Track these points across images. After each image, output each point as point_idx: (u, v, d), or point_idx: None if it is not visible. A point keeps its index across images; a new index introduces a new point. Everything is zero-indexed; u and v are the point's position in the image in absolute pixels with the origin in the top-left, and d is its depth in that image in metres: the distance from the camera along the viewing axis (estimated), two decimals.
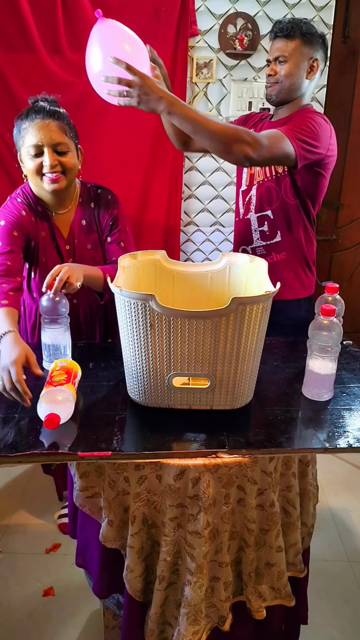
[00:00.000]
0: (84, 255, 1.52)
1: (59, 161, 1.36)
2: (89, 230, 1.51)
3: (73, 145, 1.40)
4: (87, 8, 2.17)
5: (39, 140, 1.33)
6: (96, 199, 1.51)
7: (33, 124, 1.34)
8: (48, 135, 1.33)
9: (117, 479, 1.15)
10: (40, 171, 1.37)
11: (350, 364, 1.44)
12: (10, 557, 1.83)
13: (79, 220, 1.50)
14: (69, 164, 1.38)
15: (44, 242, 1.49)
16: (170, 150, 2.42)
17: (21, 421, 1.16)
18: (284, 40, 1.60)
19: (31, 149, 1.34)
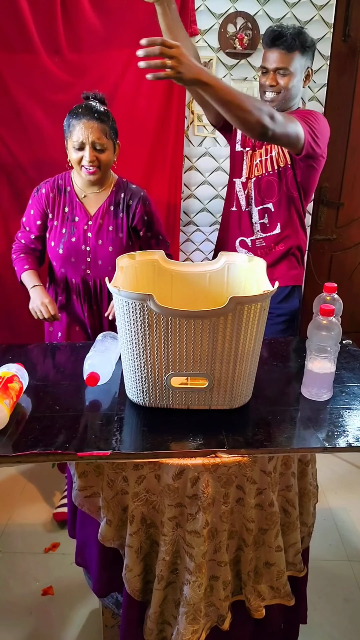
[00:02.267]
0: (102, 235, 1.70)
1: (97, 157, 1.60)
2: (115, 215, 1.71)
3: (111, 144, 1.63)
4: (87, 9, 2.17)
5: (83, 139, 1.57)
6: (128, 191, 1.73)
7: (80, 122, 1.56)
8: (91, 135, 1.57)
9: (116, 479, 1.15)
10: (81, 163, 1.61)
11: (349, 363, 1.44)
12: (9, 557, 1.83)
13: (109, 204, 1.71)
14: (105, 160, 1.62)
15: (65, 217, 1.71)
16: (170, 150, 2.42)
17: (20, 421, 1.16)
18: (283, 52, 1.63)
19: (76, 144, 1.58)
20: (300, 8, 2.30)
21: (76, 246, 1.69)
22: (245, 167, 1.81)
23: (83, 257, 1.70)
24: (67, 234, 1.70)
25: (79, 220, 1.70)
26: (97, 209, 1.71)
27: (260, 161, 1.78)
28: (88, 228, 1.70)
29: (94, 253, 1.70)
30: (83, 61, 2.24)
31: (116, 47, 2.24)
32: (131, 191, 1.73)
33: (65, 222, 1.70)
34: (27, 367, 1.40)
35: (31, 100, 2.25)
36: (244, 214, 1.84)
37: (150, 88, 2.31)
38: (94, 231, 1.70)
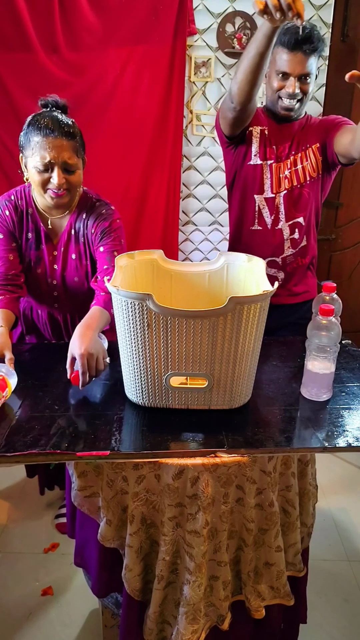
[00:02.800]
0: (67, 264, 1.52)
1: (66, 179, 1.36)
2: (77, 240, 1.50)
3: (81, 163, 1.40)
4: (85, 8, 2.17)
5: (51, 158, 1.32)
6: (90, 210, 1.49)
7: (47, 140, 1.31)
8: (60, 154, 1.32)
9: (116, 479, 1.15)
10: (46, 186, 1.37)
11: (349, 363, 1.44)
12: (8, 557, 1.83)
13: (69, 228, 1.50)
14: (75, 182, 1.39)
15: (29, 245, 1.49)
16: (169, 150, 2.41)
17: (20, 421, 1.16)
18: (308, 56, 1.51)
19: (39, 165, 1.33)
20: None
21: (42, 278, 1.52)
22: (268, 181, 1.68)
23: (50, 290, 1.54)
24: (33, 265, 1.50)
25: (43, 249, 1.49)
26: (60, 235, 1.50)
27: (290, 172, 1.67)
28: (53, 259, 1.50)
29: (62, 287, 1.54)
30: (81, 60, 2.24)
31: (115, 45, 2.24)
32: (93, 209, 1.48)
33: (28, 250, 1.49)
34: (25, 366, 1.40)
35: (29, 100, 2.23)
36: (273, 232, 1.71)
37: (148, 87, 2.31)
38: (59, 263, 1.50)
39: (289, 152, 1.68)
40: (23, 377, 1.35)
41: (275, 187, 1.68)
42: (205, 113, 2.45)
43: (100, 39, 2.22)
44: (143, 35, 2.24)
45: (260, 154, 1.68)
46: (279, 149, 1.67)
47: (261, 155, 1.67)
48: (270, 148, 1.67)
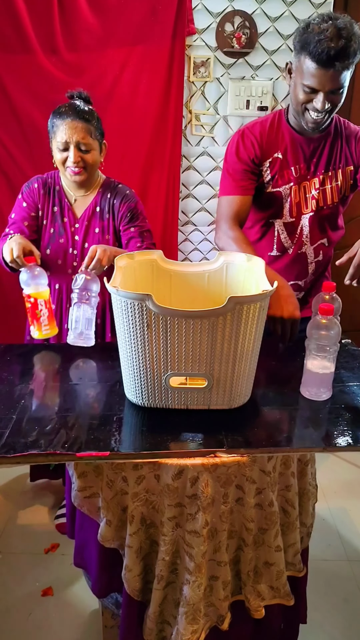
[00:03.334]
0: (89, 237, 1.66)
1: (82, 157, 1.54)
2: (101, 217, 1.66)
3: (97, 144, 1.58)
4: (84, 8, 2.17)
5: (67, 138, 1.52)
6: (114, 190, 1.67)
7: (64, 122, 1.51)
8: (74, 135, 1.51)
9: (116, 479, 1.15)
10: (65, 164, 1.56)
11: (349, 363, 1.43)
12: (9, 557, 1.83)
13: (95, 206, 1.66)
14: (90, 161, 1.57)
15: (54, 217, 1.66)
16: (168, 150, 2.41)
17: (20, 421, 1.16)
18: (341, 71, 1.29)
19: (60, 144, 1.53)
20: (298, 6, 2.30)
21: (64, 248, 1.65)
22: (288, 205, 1.53)
23: (70, 260, 1.66)
24: (55, 235, 1.65)
25: (67, 222, 1.66)
26: (83, 211, 1.66)
27: (318, 192, 1.52)
28: (75, 231, 1.65)
29: (81, 257, 1.64)
30: (80, 61, 2.24)
31: (113, 46, 2.24)
32: (116, 190, 1.66)
33: (54, 222, 1.66)
34: (26, 367, 1.40)
35: (29, 100, 2.24)
36: (297, 257, 1.59)
37: (148, 87, 2.31)
38: (81, 234, 1.65)
39: (316, 170, 1.51)
40: (23, 377, 1.35)
41: (295, 210, 1.54)
42: (205, 113, 2.45)
43: (99, 40, 2.22)
44: (142, 36, 2.24)
45: (273, 182, 1.52)
46: (303, 168, 1.51)
47: (275, 184, 1.53)
48: (288, 171, 1.51)
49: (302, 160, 1.51)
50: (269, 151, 1.50)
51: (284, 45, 2.35)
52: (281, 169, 1.51)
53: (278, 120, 1.51)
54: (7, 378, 1.34)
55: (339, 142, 1.51)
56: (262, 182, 1.53)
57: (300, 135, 1.49)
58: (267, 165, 1.51)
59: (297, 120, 1.45)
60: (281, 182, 1.52)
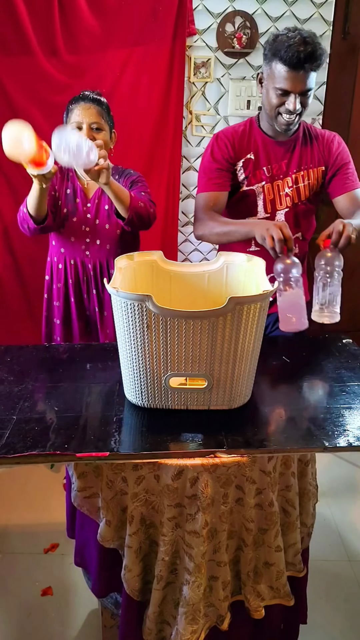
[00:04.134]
0: (100, 214, 1.75)
1: (94, 136, 1.62)
2: None
3: (107, 127, 1.69)
4: (84, 10, 2.17)
5: (80, 119, 1.63)
6: (120, 173, 1.79)
7: (78, 106, 1.65)
8: (88, 115, 1.63)
9: (115, 479, 1.15)
10: None
11: (350, 363, 1.43)
12: (8, 557, 1.83)
13: None
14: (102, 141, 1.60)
15: (68, 198, 1.76)
16: (168, 150, 2.41)
17: (19, 422, 1.16)
18: (312, 73, 1.44)
19: (74, 125, 1.64)
20: (299, 6, 2.30)
21: (76, 226, 1.75)
22: (262, 202, 1.64)
23: (82, 237, 1.75)
24: (69, 214, 1.75)
25: (79, 202, 1.76)
26: (94, 192, 1.76)
27: (292, 190, 1.64)
28: (87, 209, 1.75)
29: (92, 233, 1.75)
30: (81, 62, 2.24)
31: (114, 47, 2.24)
32: (124, 173, 1.79)
33: (67, 202, 1.76)
34: (27, 368, 1.40)
35: (29, 102, 2.24)
36: None
37: (148, 88, 2.31)
38: (92, 212, 1.75)
39: (288, 169, 1.63)
40: (23, 378, 1.35)
41: (269, 207, 1.65)
42: (205, 114, 2.45)
43: (100, 41, 2.22)
44: (142, 36, 2.24)
45: (247, 180, 1.64)
46: (274, 168, 1.62)
47: (248, 182, 1.64)
48: (260, 170, 1.62)
49: (273, 160, 1.62)
50: (242, 152, 1.62)
51: None
52: (253, 169, 1.63)
53: (250, 126, 1.65)
54: (7, 379, 1.34)
55: (308, 144, 1.65)
56: (236, 182, 1.64)
57: (272, 139, 1.62)
58: (241, 165, 1.63)
59: (269, 124, 1.58)
60: (254, 180, 1.63)
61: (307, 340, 1.59)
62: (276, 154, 1.62)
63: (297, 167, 1.63)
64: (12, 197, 2.36)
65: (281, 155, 1.62)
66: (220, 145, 1.62)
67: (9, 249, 2.41)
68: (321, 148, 1.65)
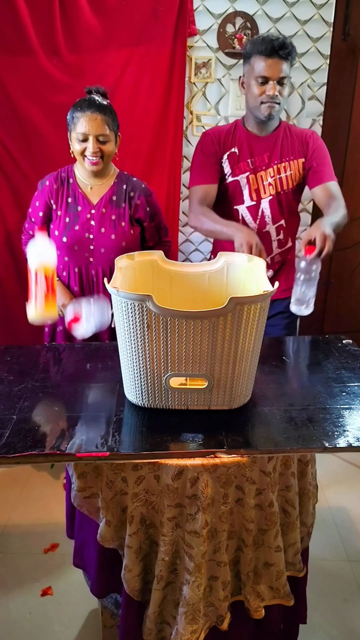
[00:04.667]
0: (105, 223, 1.76)
1: (100, 148, 1.66)
2: (118, 205, 1.77)
3: (113, 136, 1.69)
4: (85, 10, 2.17)
5: (86, 131, 1.63)
6: (129, 183, 1.80)
7: (84, 115, 1.62)
8: (94, 127, 1.62)
9: (115, 479, 1.15)
10: (84, 153, 1.67)
11: (349, 363, 1.43)
12: (8, 557, 1.83)
13: (111, 194, 1.77)
14: (107, 151, 1.68)
15: (69, 207, 1.76)
16: (169, 151, 2.41)
17: (19, 422, 1.16)
18: (285, 61, 1.62)
19: (80, 136, 1.64)
20: (300, 7, 2.30)
21: (80, 234, 1.74)
22: (247, 191, 1.79)
23: (86, 245, 1.75)
24: (71, 223, 1.75)
25: (81, 210, 1.75)
26: (99, 198, 1.76)
27: (274, 180, 1.78)
28: (91, 216, 1.75)
29: (96, 241, 1.75)
30: (82, 62, 2.24)
31: (115, 47, 2.24)
32: (132, 183, 1.79)
33: (68, 211, 1.76)
34: (26, 368, 1.40)
35: (30, 102, 2.24)
36: (261, 236, 1.77)
37: (149, 88, 2.31)
38: (97, 219, 1.75)
39: (270, 161, 1.78)
40: (23, 377, 1.35)
41: (255, 195, 1.79)
42: (206, 114, 2.45)
43: (101, 41, 2.22)
44: (143, 37, 2.24)
45: (232, 172, 1.79)
46: (257, 160, 1.77)
47: (233, 173, 1.79)
48: (244, 162, 1.77)
49: (256, 153, 1.78)
50: (227, 147, 1.78)
51: None
52: (238, 162, 1.78)
53: (235, 125, 1.81)
54: (8, 378, 1.34)
55: (288, 139, 1.80)
56: (223, 174, 1.80)
57: (255, 135, 1.78)
58: (226, 158, 1.78)
59: (254, 122, 1.75)
60: (238, 172, 1.78)
61: (307, 341, 1.60)
62: (259, 147, 1.77)
63: (279, 159, 1.78)
64: (13, 197, 2.36)
65: (263, 148, 1.77)
66: (207, 141, 1.79)
67: (9, 249, 2.41)
68: (300, 142, 1.80)
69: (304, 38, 2.34)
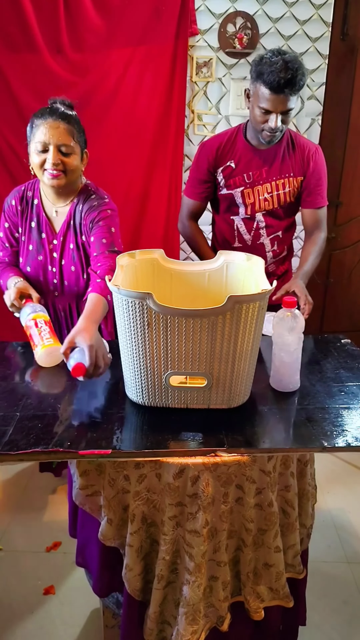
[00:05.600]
0: (65, 254, 1.57)
1: (62, 160, 1.43)
2: (75, 231, 1.55)
3: (78, 149, 1.47)
4: (89, 8, 2.17)
5: (46, 139, 1.41)
6: (85, 200, 1.53)
7: (45, 122, 1.42)
8: (56, 135, 1.41)
9: (117, 478, 1.15)
10: (43, 166, 1.44)
11: (348, 363, 1.43)
12: (11, 556, 1.83)
13: (69, 219, 1.55)
14: (71, 165, 1.45)
15: (32, 232, 1.57)
16: (170, 149, 2.42)
17: (23, 419, 1.16)
18: (292, 96, 1.54)
19: (38, 145, 1.42)
20: (299, 7, 2.31)
21: (43, 265, 1.57)
22: (242, 206, 1.76)
23: (50, 278, 1.58)
24: (34, 251, 1.57)
25: (44, 238, 1.56)
26: (61, 225, 1.55)
27: (271, 196, 1.74)
28: (53, 247, 1.56)
29: (59, 274, 1.57)
30: (85, 60, 2.25)
31: (117, 46, 2.25)
32: (88, 196, 1.53)
33: (31, 238, 1.57)
34: (30, 366, 1.41)
35: (34, 100, 2.24)
36: (255, 247, 1.81)
37: (151, 87, 2.32)
38: (58, 250, 1.56)
39: (268, 176, 1.73)
40: (27, 376, 1.36)
41: (249, 210, 1.77)
42: (207, 113, 2.45)
43: (104, 40, 2.23)
44: (145, 36, 2.25)
45: (227, 186, 1.76)
46: (254, 174, 1.72)
47: (227, 187, 1.76)
48: (239, 177, 1.73)
49: (254, 167, 1.72)
50: (223, 159, 1.73)
51: (285, 46, 2.36)
52: (233, 175, 1.74)
53: (236, 134, 1.75)
54: (12, 376, 1.35)
55: (290, 154, 1.73)
56: (217, 185, 1.78)
57: (254, 147, 1.72)
58: (220, 172, 1.75)
59: (254, 135, 1.69)
60: (233, 186, 1.75)
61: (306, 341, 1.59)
62: (257, 160, 1.72)
63: (278, 175, 1.73)
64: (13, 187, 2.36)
65: (262, 163, 1.72)
66: (201, 157, 1.76)
67: None
68: (302, 159, 1.73)
69: (303, 38, 2.35)
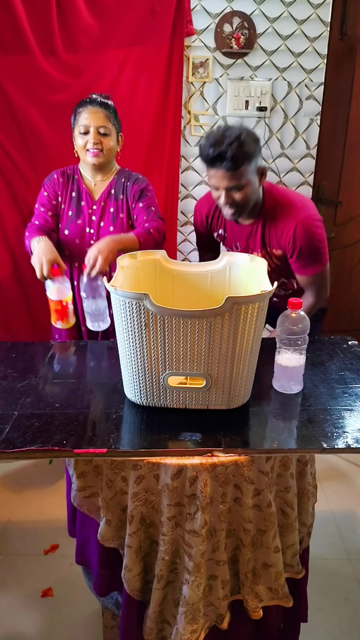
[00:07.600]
0: (105, 217, 1.80)
1: (101, 140, 1.70)
2: (116, 198, 1.81)
3: (114, 131, 1.74)
4: (82, 9, 2.16)
5: (87, 122, 1.68)
6: (127, 176, 1.83)
7: (86, 109, 1.69)
8: (95, 119, 1.68)
9: (115, 479, 1.15)
10: (86, 146, 1.71)
11: (354, 364, 1.41)
12: (8, 558, 1.83)
13: (110, 189, 1.82)
14: (108, 145, 1.73)
15: (72, 201, 1.81)
16: (167, 150, 2.41)
17: (20, 418, 1.16)
18: (229, 172, 1.41)
19: (81, 128, 1.69)
20: (297, 7, 2.30)
21: (81, 228, 1.79)
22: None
23: (87, 239, 1.79)
24: (73, 216, 1.79)
25: (84, 205, 1.80)
26: (100, 194, 1.81)
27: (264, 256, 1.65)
28: (92, 212, 1.80)
29: (97, 235, 1.78)
30: (79, 62, 2.24)
31: (112, 47, 2.24)
32: (130, 175, 1.83)
33: (71, 205, 1.80)
34: (30, 365, 1.41)
35: (27, 102, 2.24)
36: None
37: (146, 88, 2.31)
38: (97, 214, 1.79)
39: (254, 247, 1.66)
40: (26, 374, 1.35)
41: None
42: (204, 113, 2.45)
43: (98, 41, 2.22)
44: (140, 36, 2.24)
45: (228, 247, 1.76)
46: (241, 245, 1.69)
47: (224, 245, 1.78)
48: (230, 245, 1.74)
49: (239, 239, 1.69)
50: (214, 228, 1.77)
51: (282, 45, 2.35)
52: (225, 243, 1.77)
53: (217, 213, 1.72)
54: (11, 375, 1.35)
55: (268, 228, 1.60)
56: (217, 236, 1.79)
57: (233, 223, 1.66)
58: (215, 236, 1.79)
59: None
60: (228, 248, 1.76)
61: (312, 342, 1.59)
62: (241, 234, 1.67)
63: (261, 247, 1.64)
64: (10, 196, 2.35)
65: (246, 236, 1.66)
66: (196, 221, 1.82)
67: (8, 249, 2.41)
68: (283, 237, 1.58)
69: (301, 37, 2.35)
